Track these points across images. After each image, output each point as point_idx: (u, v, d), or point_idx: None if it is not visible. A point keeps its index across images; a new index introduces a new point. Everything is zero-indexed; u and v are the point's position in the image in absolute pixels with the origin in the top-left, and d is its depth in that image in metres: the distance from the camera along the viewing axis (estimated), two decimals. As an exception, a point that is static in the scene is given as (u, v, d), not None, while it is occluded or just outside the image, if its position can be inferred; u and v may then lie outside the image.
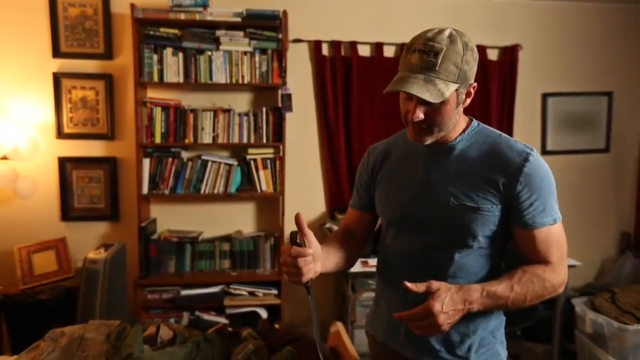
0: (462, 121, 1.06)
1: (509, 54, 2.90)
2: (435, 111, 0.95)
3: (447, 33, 0.92)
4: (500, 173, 0.98)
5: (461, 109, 1.00)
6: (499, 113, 2.91)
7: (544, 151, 3.04)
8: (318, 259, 0.95)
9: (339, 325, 1.78)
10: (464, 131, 1.05)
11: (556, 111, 3.05)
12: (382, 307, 1.17)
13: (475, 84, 0.99)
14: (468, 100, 1.00)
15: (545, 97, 3.03)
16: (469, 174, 1.01)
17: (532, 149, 1.00)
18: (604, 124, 3.08)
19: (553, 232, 1.00)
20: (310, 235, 0.94)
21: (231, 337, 1.60)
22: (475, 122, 1.08)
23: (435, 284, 0.91)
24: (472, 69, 0.95)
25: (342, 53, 2.77)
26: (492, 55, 2.91)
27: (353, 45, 2.77)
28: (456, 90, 0.94)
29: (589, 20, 3.01)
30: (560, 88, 3.02)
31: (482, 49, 2.86)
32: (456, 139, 1.04)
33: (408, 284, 0.89)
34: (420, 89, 0.90)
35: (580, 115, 3.06)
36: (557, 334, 2.55)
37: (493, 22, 2.92)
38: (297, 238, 0.92)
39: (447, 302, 0.90)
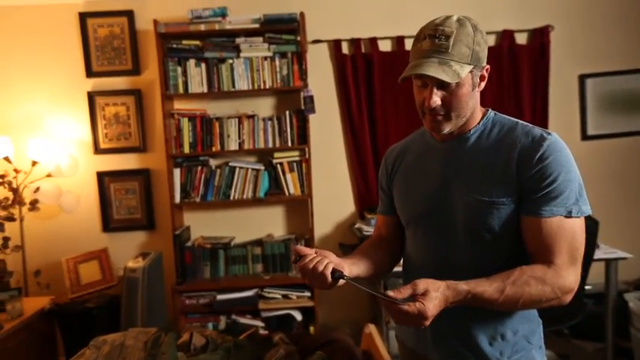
0: (479, 111, 1.03)
1: (540, 36, 2.75)
2: (451, 95, 0.94)
3: (454, 17, 0.93)
4: (514, 160, 0.93)
5: (477, 94, 0.98)
6: (532, 100, 2.77)
7: (585, 137, 2.86)
8: (336, 260, 0.99)
9: (371, 328, 1.76)
10: (479, 122, 1.02)
11: (596, 92, 2.86)
12: None
13: (488, 66, 0.98)
14: (483, 84, 0.99)
15: (582, 78, 2.85)
16: (483, 166, 0.97)
17: (551, 133, 0.94)
18: (650, 102, 2.86)
19: (565, 227, 0.90)
20: (306, 249, 0.99)
21: (264, 342, 1.62)
22: (491, 112, 1.04)
23: (421, 285, 0.84)
24: (483, 51, 0.95)
25: (363, 50, 2.74)
26: (521, 39, 2.77)
27: (373, 41, 2.73)
28: (471, 72, 0.93)
29: (627, -8, 2.80)
30: (598, 67, 2.83)
31: (509, 34, 2.74)
32: (470, 130, 1.01)
33: (390, 293, 0.83)
34: (436, 71, 0.89)
35: (623, 95, 2.85)
36: (609, 331, 2.40)
37: (520, 5, 2.78)
38: (294, 259, 1.00)
39: (437, 304, 0.85)
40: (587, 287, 2.36)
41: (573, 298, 0.91)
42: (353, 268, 1.03)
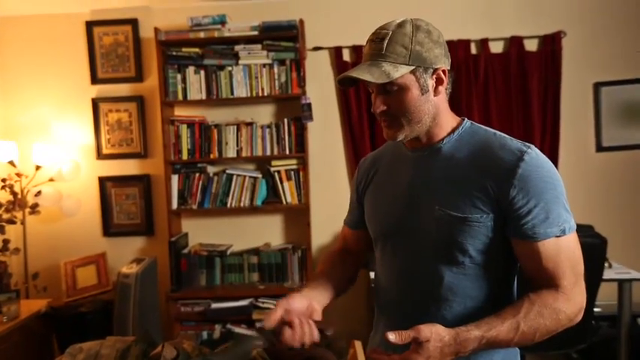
0: (452, 120, 0.96)
1: (551, 43, 2.63)
2: (395, 99, 0.89)
3: (398, 20, 0.90)
4: (490, 176, 0.86)
5: (433, 98, 0.91)
6: (542, 110, 2.64)
7: (599, 148, 2.71)
8: (313, 301, 0.94)
9: (357, 345, 1.69)
10: (453, 132, 0.94)
11: (612, 102, 2.71)
12: (379, 333, 1.07)
13: (444, 68, 0.90)
14: (441, 88, 0.91)
15: (597, 86, 2.71)
16: (456, 179, 0.90)
17: (530, 147, 0.87)
18: (671, 113, 2.68)
19: (563, 246, 0.84)
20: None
21: (240, 356, 1.57)
22: (467, 122, 0.97)
23: (425, 334, 0.76)
24: (430, 51, 0.88)
25: (364, 57, 2.69)
26: (531, 45, 2.66)
27: (375, 48, 2.67)
28: (413, 73, 0.87)
29: (647, -4, 2.66)
30: (614, 75, 2.68)
31: (518, 41, 2.63)
32: (442, 140, 0.94)
33: (390, 336, 0.76)
34: (360, 72, 0.86)
35: (641, 105, 2.69)
36: (622, 357, 2.23)
37: (530, 9, 2.67)
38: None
39: (434, 356, 0.77)
40: (596, 309, 2.21)
41: (581, 321, 0.84)
42: (322, 299, 0.98)
